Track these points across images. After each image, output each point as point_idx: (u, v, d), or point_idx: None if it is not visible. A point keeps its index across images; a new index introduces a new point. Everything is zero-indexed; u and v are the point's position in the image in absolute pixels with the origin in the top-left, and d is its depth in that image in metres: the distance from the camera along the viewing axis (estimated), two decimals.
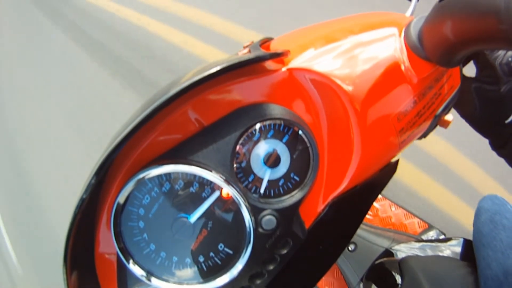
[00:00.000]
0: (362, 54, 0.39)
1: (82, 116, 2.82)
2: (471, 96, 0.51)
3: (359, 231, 0.92)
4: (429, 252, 0.78)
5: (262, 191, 0.40)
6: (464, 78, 0.48)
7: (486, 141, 0.56)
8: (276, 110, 0.39)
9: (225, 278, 0.40)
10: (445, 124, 0.48)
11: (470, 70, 0.51)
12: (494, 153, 0.55)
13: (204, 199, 0.38)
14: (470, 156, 1.81)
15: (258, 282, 0.42)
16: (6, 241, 2.41)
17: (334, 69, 0.38)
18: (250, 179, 0.40)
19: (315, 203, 0.42)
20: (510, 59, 0.47)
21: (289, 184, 0.41)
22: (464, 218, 1.64)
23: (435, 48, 0.37)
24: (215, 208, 0.39)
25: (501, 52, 0.47)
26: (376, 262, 0.84)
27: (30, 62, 3.64)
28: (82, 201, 0.33)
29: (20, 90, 3.41)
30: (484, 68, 0.48)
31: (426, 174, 1.82)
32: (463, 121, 0.55)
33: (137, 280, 0.40)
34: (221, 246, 0.40)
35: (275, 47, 0.43)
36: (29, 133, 2.98)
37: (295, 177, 0.41)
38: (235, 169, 0.39)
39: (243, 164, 0.40)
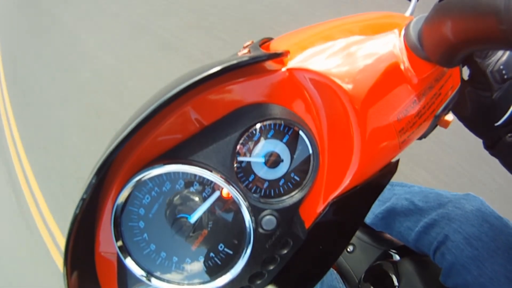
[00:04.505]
0: (362, 54, 0.39)
1: None
2: (464, 99, 0.51)
3: (357, 233, 0.92)
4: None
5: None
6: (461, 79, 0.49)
7: None
8: (276, 110, 0.39)
9: (225, 278, 0.40)
10: (445, 124, 0.48)
11: (465, 71, 0.52)
12: None
13: (205, 199, 0.38)
14: None
15: (258, 282, 0.42)
16: None
17: (333, 69, 0.38)
18: (250, 179, 0.40)
19: (315, 203, 0.42)
20: (501, 67, 0.47)
21: (289, 184, 0.41)
22: None
23: (435, 48, 0.37)
24: (216, 208, 0.39)
25: (492, 60, 0.47)
26: (374, 263, 0.84)
27: None
28: (82, 201, 0.33)
29: None
30: (476, 75, 0.49)
31: None
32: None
33: (137, 280, 0.39)
34: (221, 246, 0.40)
35: (275, 47, 0.44)
36: None
37: (295, 177, 0.41)
38: (235, 169, 0.39)
39: (244, 164, 0.39)
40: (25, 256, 2.82)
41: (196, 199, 0.38)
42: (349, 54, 0.39)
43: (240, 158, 0.39)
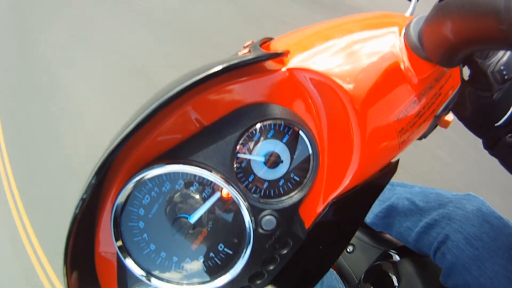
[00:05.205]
0: (362, 54, 0.39)
1: None
2: (464, 99, 0.51)
3: (357, 233, 0.92)
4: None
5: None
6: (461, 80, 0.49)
7: None
8: (277, 110, 0.39)
9: (225, 278, 0.40)
10: (445, 124, 0.48)
11: (465, 72, 0.52)
12: None
13: (205, 199, 0.38)
14: None
15: (258, 282, 0.42)
16: None
17: (334, 69, 0.38)
18: (250, 179, 0.40)
19: (315, 203, 0.42)
20: (502, 67, 0.47)
21: (289, 184, 0.41)
22: None
23: (435, 48, 0.37)
24: (215, 208, 0.39)
25: (493, 60, 0.47)
26: (374, 264, 0.84)
27: None
28: (82, 201, 0.33)
29: None
30: (476, 75, 0.49)
31: None
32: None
33: (137, 280, 0.39)
34: (221, 247, 0.40)
35: (275, 47, 0.44)
36: None
37: (295, 177, 0.41)
38: (235, 169, 0.39)
39: (243, 164, 0.39)
40: None
41: (196, 199, 0.38)
42: (349, 54, 0.39)
43: (240, 155, 0.39)
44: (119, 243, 0.38)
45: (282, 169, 0.40)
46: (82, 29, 5.46)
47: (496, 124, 0.51)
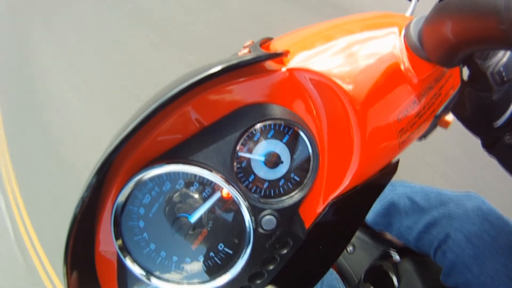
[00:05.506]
0: (362, 54, 0.39)
1: None
2: (463, 99, 0.51)
3: (357, 233, 0.92)
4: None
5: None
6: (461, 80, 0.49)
7: None
8: (277, 110, 0.39)
9: (225, 278, 0.40)
10: (445, 124, 0.48)
11: (465, 72, 0.52)
12: None
13: (205, 199, 0.38)
14: None
15: (258, 282, 0.42)
16: None
17: (334, 69, 0.38)
18: (250, 179, 0.40)
19: (315, 203, 0.42)
20: (501, 68, 0.47)
21: (289, 184, 0.41)
22: None
23: (435, 48, 0.37)
24: (216, 208, 0.39)
25: (493, 61, 0.47)
26: (374, 264, 0.84)
27: None
28: (82, 201, 0.33)
29: None
30: (476, 76, 0.49)
31: None
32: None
33: (137, 279, 0.39)
34: (221, 246, 0.40)
35: (275, 47, 0.44)
36: None
37: (295, 177, 0.41)
38: (235, 169, 0.39)
39: (244, 164, 0.39)
40: None
41: (196, 199, 0.38)
42: (349, 54, 0.39)
43: (240, 154, 0.39)
44: (119, 242, 0.38)
45: (282, 169, 0.40)
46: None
47: (495, 124, 0.51)
